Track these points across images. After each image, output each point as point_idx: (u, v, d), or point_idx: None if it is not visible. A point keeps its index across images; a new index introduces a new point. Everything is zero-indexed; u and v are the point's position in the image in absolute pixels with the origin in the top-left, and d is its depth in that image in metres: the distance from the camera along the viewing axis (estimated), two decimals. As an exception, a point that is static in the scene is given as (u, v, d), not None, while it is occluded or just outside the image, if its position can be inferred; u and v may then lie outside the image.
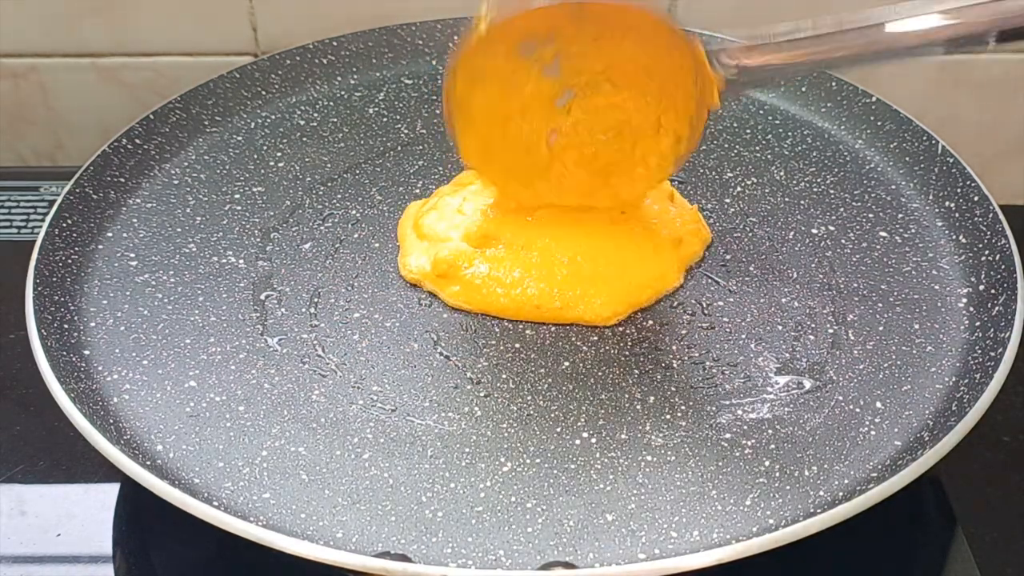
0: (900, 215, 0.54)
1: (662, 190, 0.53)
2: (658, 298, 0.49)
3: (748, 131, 0.60)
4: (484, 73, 0.47)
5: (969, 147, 0.56)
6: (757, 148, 0.59)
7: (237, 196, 0.55)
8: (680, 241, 0.51)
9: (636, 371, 0.46)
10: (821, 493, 0.40)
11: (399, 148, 0.59)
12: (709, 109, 0.47)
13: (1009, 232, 0.49)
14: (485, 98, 0.47)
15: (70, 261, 0.50)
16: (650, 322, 0.48)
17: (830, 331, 0.47)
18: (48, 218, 0.50)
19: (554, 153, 0.49)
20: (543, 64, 0.47)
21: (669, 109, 0.47)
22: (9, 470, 0.49)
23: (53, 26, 0.68)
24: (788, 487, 0.40)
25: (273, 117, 0.61)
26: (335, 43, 0.64)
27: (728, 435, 0.43)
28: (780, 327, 0.48)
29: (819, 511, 0.38)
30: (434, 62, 0.65)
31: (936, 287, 0.49)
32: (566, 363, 0.46)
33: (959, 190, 0.53)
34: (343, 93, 0.63)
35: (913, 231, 0.53)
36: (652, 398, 0.44)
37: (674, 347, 0.47)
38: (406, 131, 0.60)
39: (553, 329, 0.48)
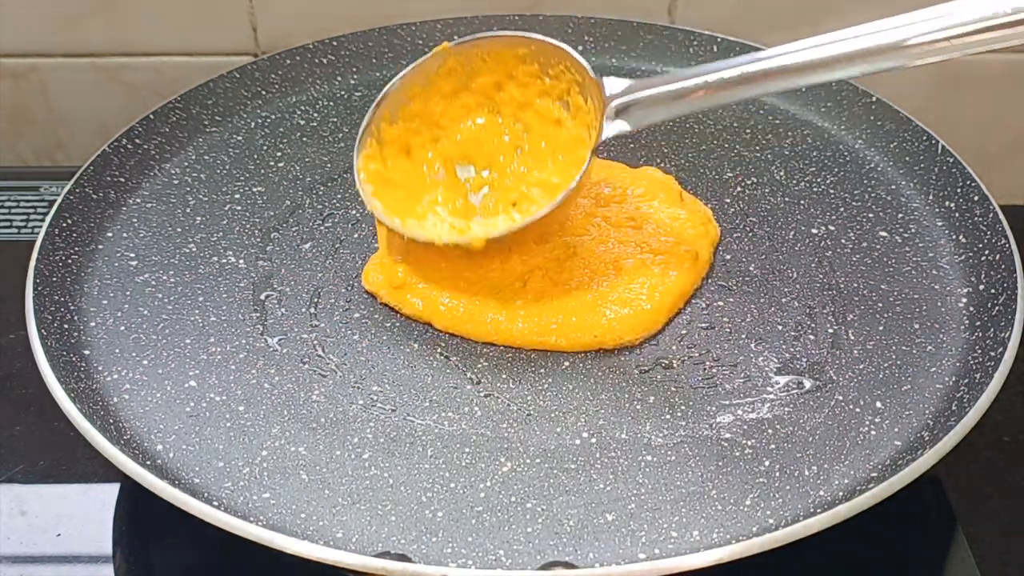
0: (900, 215, 0.54)
1: (671, 191, 0.53)
2: None
3: (748, 131, 0.60)
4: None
5: (969, 147, 0.56)
6: (757, 148, 0.59)
7: (237, 196, 0.55)
8: (697, 256, 0.50)
9: (636, 371, 0.46)
10: (821, 493, 0.40)
11: (399, 148, 0.59)
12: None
13: (1009, 232, 0.49)
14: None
15: (70, 261, 0.50)
16: (650, 322, 0.48)
17: (830, 331, 0.47)
18: (48, 218, 0.50)
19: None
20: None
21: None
22: (9, 470, 0.49)
23: (53, 26, 0.68)
24: (788, 487, 0.40)
25: (273, 117, 0.61)
26: (335, 43, 0.64)
27: (728, 435, 0.42)
28: (780, 327, 0.48)
29: (819, 511, 0.38)
30: (434, 62, 0.65)
31: (936, 287, 0.49)
32: (566, 363, 0.46)
33: (959, 190, 0.53)
34: (343, 93, 0.63)
35: (913, 231, 0.53)
36: (652, 398, 0.44)
37: (674, 347, 0.47)
38: (406, 131, 0.60)
39: (553, 329, 0.48)
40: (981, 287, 0.48)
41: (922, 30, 0.41)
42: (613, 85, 0.47)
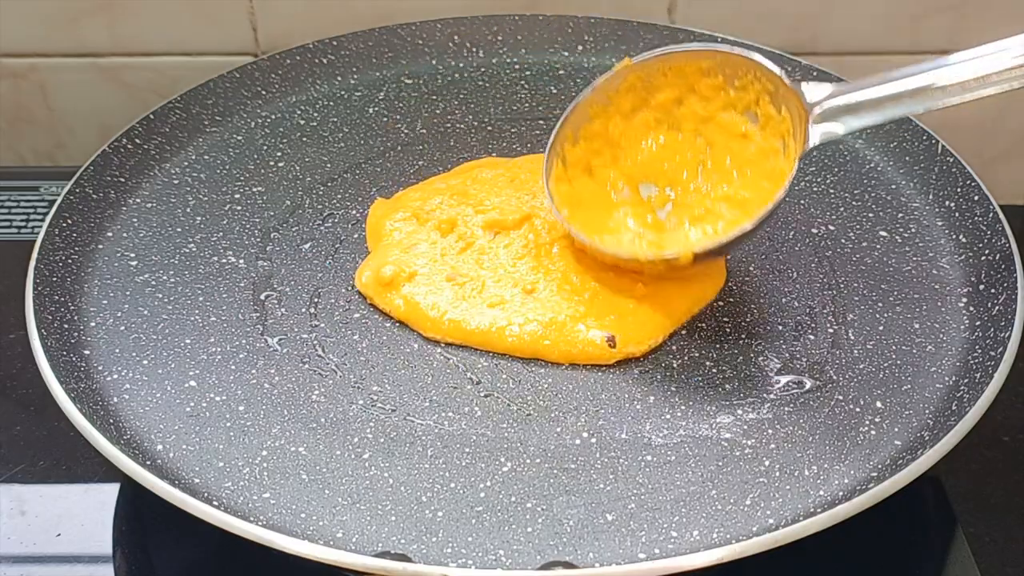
0: (900, 215, 0.54)
1: None
2: None
3: (748, 131, 0.60)
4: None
5: (969, 147, 0.56)
6: (757, 148, 0.59)
7: (237, 196, 0.55)
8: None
9: (636, 371, 0.46)
10: (821, 493, 0.40)
11: (399, 148, 0.59)
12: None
13: (1009, 232, 0.49)
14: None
15: (70, 261, 0.50)
16: (650, 322, 0.48)
17: (830, 331, 0.47)
18: (48, 218, 0.50)
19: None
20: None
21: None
22: (9, 470, 0.49)
23: (53, 26, 0.68)
24: (788, 487, 0.40)
25: (273, 117, 0.61)
26: (335, 43, 0.64)
27: (728, 435, 0.42)
28: (780, 327, 0.48)
29: (819, 511, 0.38)
30: (434, 62, 0.65)
31: (936, 287, 0.49)
32: (566, 363, 0.46)
33: (959, 190, 0.53)
34: (343, 93, 0.63)
35: (913, 231, 0.53)
36: (652, 398, 0.44)
37: (674, 347, 0.47)
38: (406, 131, 0.60)
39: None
40: (981, 287, 0.48)
41: None
42: (814, 91, 0.46)
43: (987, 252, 0.49)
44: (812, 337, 0.47)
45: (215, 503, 0.39)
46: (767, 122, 0.48)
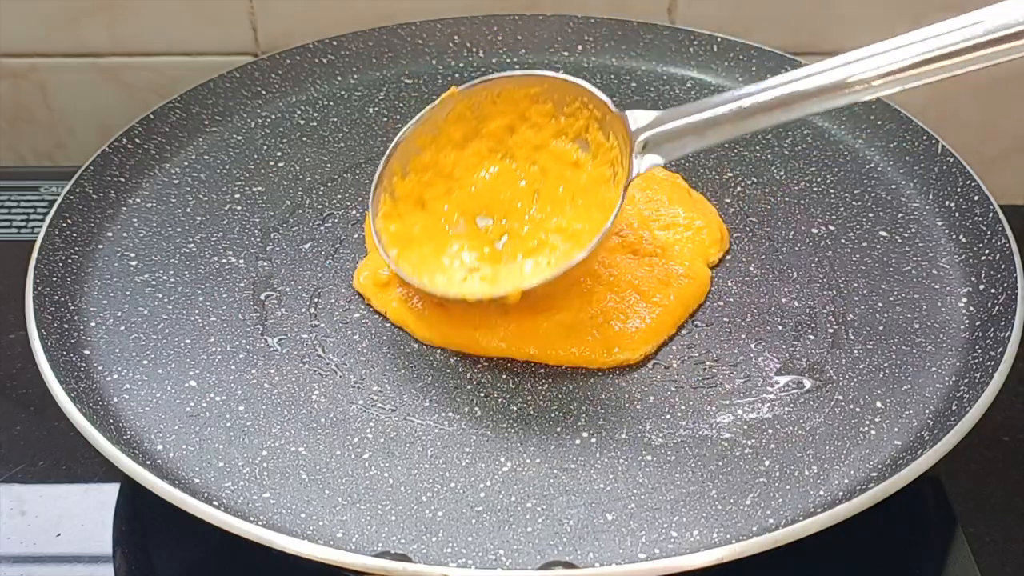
0: (900, 215, 0.54)
1: (679, 189, 0.53)
2: None
3: (748, 131, 0.60)
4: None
5: (969, 147, 0.56)
6: (757, 148, 0.59)
7: (237, 196, 0.55)
8: (708, 257, 0.50)
9: (636, 371, 0.46)
10: (821, 493, 0.40)
11: (399, 148, 0.59)
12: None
13: (1009, 232, 0.49)
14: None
15: (70, 261, 0.50)
16: (650, 322, 0.48)
17: (830, 331, 0.47)
18: (48, 218, 0.50)
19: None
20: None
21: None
22: (9, 470, 0.49)
23: (53, 26, 0.68)
24: (788, 487, 0.40)
25: (273, 117, 0.61)
26: (335, 43, 0.64)
27: (728, 435, 0.43)
28: (780, 327, 0.48)
29: (819, 511, 0.38)
30: (434, 62, 0.65)
31: (936, 287, 0.49)
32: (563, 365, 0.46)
33: (959, 190, 0.53)
34: (343, 93, 0.63)
35: (913, 231, 0.53)
36: (652, 398, 0.44)
37: (674, 347, 0.47)
38: (406, 131, 0.60)
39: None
40: (981, 287, 0.48)
41: (951, 40, 0.40)
42: (638, 118, 0.45)
43: (987, 252, 0.49)
44: (812, 337, 0.47)
45: (215, 503, 0.39)
46: (597, 150, 0.47)
